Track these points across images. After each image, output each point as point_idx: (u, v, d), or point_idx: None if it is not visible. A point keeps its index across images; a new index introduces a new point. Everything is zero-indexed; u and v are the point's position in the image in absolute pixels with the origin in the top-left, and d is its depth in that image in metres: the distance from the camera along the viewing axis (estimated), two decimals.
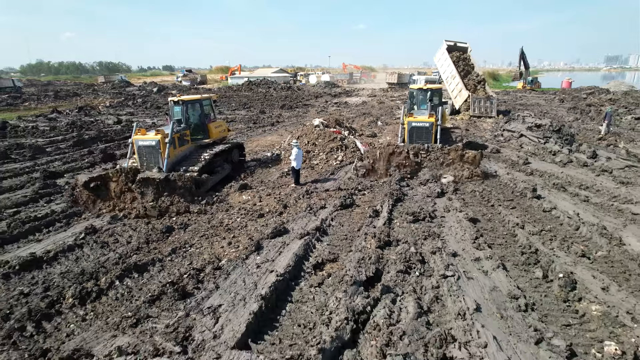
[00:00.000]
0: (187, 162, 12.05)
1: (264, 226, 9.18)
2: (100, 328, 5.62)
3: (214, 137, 13.62)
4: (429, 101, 15.93)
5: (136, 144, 11.57)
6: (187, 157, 12.33)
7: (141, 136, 11.57)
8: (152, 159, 11.45)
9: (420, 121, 13.92)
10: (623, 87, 45.85)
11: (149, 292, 6.51)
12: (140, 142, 11.51)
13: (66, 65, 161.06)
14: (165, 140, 11.32)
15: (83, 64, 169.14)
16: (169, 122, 12.19)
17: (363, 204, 10.57)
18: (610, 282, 6.49)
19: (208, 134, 13.48)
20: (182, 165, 11.76)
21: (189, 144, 12.72)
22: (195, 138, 13.17)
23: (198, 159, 12.08)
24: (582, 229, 8.57)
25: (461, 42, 29.19)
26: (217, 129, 13.97)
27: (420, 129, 13.85)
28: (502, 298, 6.14)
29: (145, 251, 8.11)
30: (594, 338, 5.33)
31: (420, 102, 16.81)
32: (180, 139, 12.18)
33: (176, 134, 11.92)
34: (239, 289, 6.48)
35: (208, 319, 5.65)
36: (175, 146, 11.87)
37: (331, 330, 5.27)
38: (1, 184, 13.16)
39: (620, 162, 13.75)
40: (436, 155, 12.70)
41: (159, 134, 11.42)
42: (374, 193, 11.48)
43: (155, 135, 11.39)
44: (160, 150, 11.27)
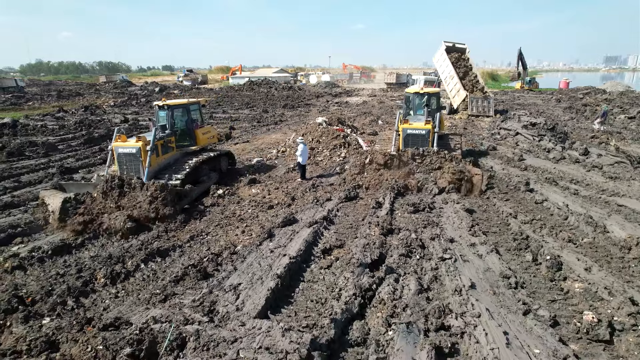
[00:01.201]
0: (171, 170, 11.36)
1: (274, 216, 9.83)
2: (133, 303, 6.27)
3: (202, 144, 12.88)
4: (426, 106, 14.81)
5: (116, 151, 10.91)
6: (171, 166, 11.66)
7: (121, 143, 10.91)
8: (132, 167, 10.79)
9: (415, 128, 13.15)
10: (619, 87, 46.50)
11: (172, 273, 7.15)
12: (120, 149, 10.83)
13: (66, 65, 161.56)
14: (147, 147, 10.69)
15: (83, 64, 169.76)
16: (152, 128, 11.56)
17: (366, 197, 11.21)
18: (593, 264, 7.14)
19: (195, 141, 12.70)
20: (164, 174, 11.12)
21: (173, 152, 11.98)
22: (181, 145, 12.44)
23: (182, 168, 11.45)
24: (570, 219, 9.22)
25: (459, 43, 29.85)
26: (205, 135, 13.15)
27: (416, 137, 13.06)
28: (495, 277, 6.79)
29: (165, 239, 8.76)
30: (575, 310, 5.98)
31: (416, 107, 15.44)
32: (164, 146, 11.49)
33: (159, 140, 11.24)
34: (256, 270, 7.11)
35: (230, 295, 6.29)
36: (158, 154, 11.21)
37: (341, 304, 5.90)
38: (21, 178, 13.83)
39: (610, 159, 14.41)
40: (431, 160, 12.10)
41: (140, 140, 10.72)
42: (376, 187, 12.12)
43: (135, 142, 10.71)
44: (141, 158, 10.61)
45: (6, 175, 14.10)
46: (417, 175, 11.87)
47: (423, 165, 12.11)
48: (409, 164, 12.13)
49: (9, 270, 7.23)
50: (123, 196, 9.74)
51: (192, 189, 11.06)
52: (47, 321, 5.55)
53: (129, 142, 10.87)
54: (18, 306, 5.91)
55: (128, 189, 9.80)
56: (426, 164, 12.10)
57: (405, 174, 11.93)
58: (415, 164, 12.13)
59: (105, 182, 9.83)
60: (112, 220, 8.96)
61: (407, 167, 12.06)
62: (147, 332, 5.08)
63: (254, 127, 24.41)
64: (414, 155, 12.19)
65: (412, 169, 12.04)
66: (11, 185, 13.05)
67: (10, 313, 5.74)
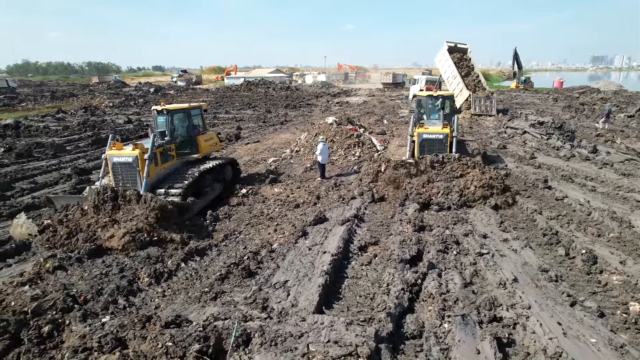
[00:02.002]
0: (171, 181, 10.37)
1: (303, 215, 9.93)
2: (184, 301, 6.32)
3: (204, 152, 11.93)
4: (442, 109, 13.94)
5: (110, 160, 9.86)
6: (171, 175, 10.67)
7: (116, 151, 9.86)
8: (128, 178, 9.79)
9: (432, 132, 12.41)
10: (612, 86, 47.46)
11: (215, 272, 7.21)
12: (115, 158, 9.79)
13: (54, 65, 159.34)
14: (145, 156, 9.68)
15: (72, 64, 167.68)
16: (151, 135, 10.52)
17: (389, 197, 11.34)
18: (627, 257, 7.37)
19: (197, 149, 11.78)
20: (164, 185, 10.11)
21: (174, 160, 11.00)
22: (182, 153, 11.49)
23: (183, 179, 10.43)
24: (594, 214, 9.47)
25: (461, 44, 30.20)
26: (208, 142, 12.19)
27: (432, 142, 12.30)
28: (534, 271, 6.98)
29: (199, 238, 8.80)
30: (617, 302, 6.17)
31: (430, 111, 14.62)
32: (163, 155, 10.54)
33: (158, 148, 10.29)
34: (299, 267, 7.20)
35: (280, 292, 6.38)
36: (157, 163, 10.25)
37: (392, 298, 6.03)
38: (36, 179, 13.73)
39: (620, 156, 14.76)
40: (452, 167, 11.09)
41: (137, 148, 9.70)
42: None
43: (132, 151, 9.70)
44: (139, 168, 9.61)
45: (20, 176, 13.99)
46: (437, 183, 10.86)
47: (443, 173, 11.08)
48: (427, 172, 11.18)
49: (51, 270, 7.22)
50: (117, 209, 8.81)
51: (195, 202, 10.05)
52: (108, 319, 5.58)
53: (125, 151, 9.85)
54: (73, 305, 5.93)
55: (122, 202, 8.88)
56: (446, 172, 11.07)
57: (424, 182, 10.92)
58: (434, 172, 11.14)
59: (97, 194, 8.86)
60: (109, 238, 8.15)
61: (426, 176, 11.09)
62: (210, 329, 5.15)
63: (260, 127, 24.45)
64: (433, 163, 11.22)
65: (431, 177, 11.03)
66: (28, 186, 12.97)
67: (67, 312, 5.76)
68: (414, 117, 14.02)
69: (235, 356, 4.81)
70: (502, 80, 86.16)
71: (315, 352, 4.67)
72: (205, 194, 10.92)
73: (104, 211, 8.75)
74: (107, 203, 8.84)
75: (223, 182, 12.20)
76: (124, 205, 8.87)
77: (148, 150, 9.79)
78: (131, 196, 8.90)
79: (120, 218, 8.65)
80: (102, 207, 8.80)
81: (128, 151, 9.78)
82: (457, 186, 10.63)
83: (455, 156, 11.38)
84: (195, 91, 59.93)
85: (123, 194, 8.94)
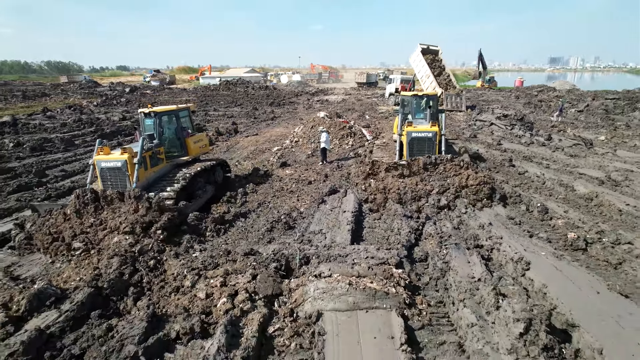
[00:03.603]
0: (161, 185, 10.32)
1: (316, 189, 11.97)
2: (248, 244, 8.23)
3: (194, 154, 11.74)
4: (429, 108, 14.14)
5: (98, 165, 9.76)
6: (161, 179, 10.57)
7: (104, 156, 9.79)
8: (118, 183, 9.67)
9: (422, 131, 12.60)
10: (567, 86, 52.18)
11: (261, 227, 9.15)
12: (103, 163, 9.72)
13: (10, 64, 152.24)
14: (134, 160, 9.57)
15: (29, 63, 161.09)
16: (139, 138, 10.48)
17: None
18: (569, 209, 9.92)
19: (186, 151, 11.58)
20: (154, 190, 9.97)
21: (163, 163, 10.87)
22: (171, 155, 11.33)
23: (174, 182, 10.33)
24: (547, 183, 12.04)
25: (433, 46, 33.07)
26: (197, 144, 12.01)
27: (422, 140, 12.53)
28: (504, 219, 9.37)
29: (238, 206, 10.68)
30: (560, 234, 8.59)
31: (415, 110, 14.74)
32: (152, 158, 10.40)
33: (147, 152, 10.16)
34: (326, 222, 9.26)
35: (319, 236, 8.43)
36: (147, 167, 10.14)
37: (403, 236, 8.19)
38: (63, 167, 15.06)
39: (569, 142, 17.68)
40: (445, 167, 11.33)
41: (125, 152, 9.65)
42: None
43: (121, 155, 9.62)
44: (128, 172, 9.50)
45: (44, 167, 15.22)
46: (432, 183, 11.02)
47: (436, 173, 11.37)
48: (419, 173, 11.38)
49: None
50: (101, 210, 8.69)
51: (187, 206, 9.85)
52: (198, 254, 7.45)
53: (114, 155, 9.80)
54: (164, 248, 7.73)
55: (104, 203, 8.77)
56: (439, 172, 11.35)
57: (417, 182, 11.02)
58: (427, 174, 11.36)
59: (76, 197, 8.65)
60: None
61: (419, 177, 11.29)
62: (279, 255, 7.15)
63: (253, 123, 26.26)
64: (426, 165, 11.41)
65: (424, 177, 11.27)
66: (59, 174, 14.32)
67: (161, 252, 7.56)
68: (399, 117, 14.45)
69: (302, 270, 6.83)
70: (468, 79, 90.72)
71: (359, 262, 6.75)
72: (197, 197, 10.82)
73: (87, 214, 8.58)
74: (88, 206, 8.66)
75: (215, 184, 12.10)
76: (105, 206, 8.76)
77: (137, 154, 9.64)
78: (112, 196, 8.79)
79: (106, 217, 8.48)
80: (84, 210, 8.62)
81: (117, 155, 9.71)
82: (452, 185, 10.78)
83: (447, 157, 11.64)
84: (173, 91, 60.20)
85: (104, 195, 8.81)
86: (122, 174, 9.60)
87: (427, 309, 6.01)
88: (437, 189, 10.66)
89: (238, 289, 6.11)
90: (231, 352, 4.94)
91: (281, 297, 6.22)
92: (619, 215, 9.38)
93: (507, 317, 5.16)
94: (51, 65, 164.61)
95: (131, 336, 5.20)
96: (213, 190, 11.80)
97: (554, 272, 6.79)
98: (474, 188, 10.53)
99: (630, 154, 15.48)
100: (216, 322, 5.55)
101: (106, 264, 6.85)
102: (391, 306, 5.76)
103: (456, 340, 5.42)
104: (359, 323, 5.48)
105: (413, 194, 10.42)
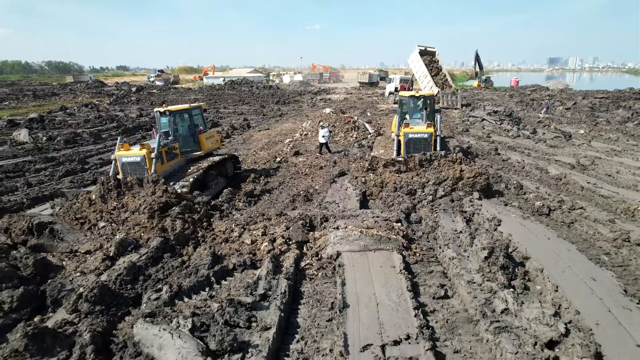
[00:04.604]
0: (177, 177, 11.28)
1: (327, 172, 13.88)
2: (275, 210, 10.14)
3: (206, 149, 12.83)
4: (425, 109, 14.82)
5: (119, 160, 10.84)
6: (176, 172, 11.57)
7: (125, 152, 10.92)
8: (137, 175, 10.56)
9: (417, 132, 13.19)
10: (560, 85, 54.25)
11: (284, 199, 11.06)
12: (124, 158, 10.81)
13: (11, 64, 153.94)
14: (152, 155, 10.66)
15: (30, 64, 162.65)
16: (156, 135, 11.54)
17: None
18: (540, 185, 11.86)
19: (199, 146, 12.72)
20: (170, 182, 10.81)
21: (178, 158, 11.95)
22: (185, 151, 12.39)
23: (189, 174, 11.39)
24: (526, 167, 13.98)
25: (430, 47, 35.06)
26: (209, 140, 13.11)
27: (417, 141, 13.11)
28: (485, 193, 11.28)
29: (262, 184, 12.61)
30: (530, 204, 10.47)
31: (412, 110, 15.52)
32: (168, 153, 11.50)
33: (163, 147, 11.25)
34: (338, 195, 11.18)
35: (334, 205, 10.35)
36: (163, 161, 11.20)
37: (403, 205, 10.09)
38: (101, 157, 16.99)
39: (551, 135, 19.62)
40: (439, 163, 12.01)
41: (144, 148, 10.72)
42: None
43: (140, 151, 10.73)
44: (147, 166, 10.56)
45: (82, 157, 17.11)
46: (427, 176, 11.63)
47: (431, 168, 12.00)
48: (415, 169, 12.05)
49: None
50: (122, 195, 9.73)
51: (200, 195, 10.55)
52: (239, 216, 9.38)
53: (133, 151, 10.90)
54: (211, 213, 9.64)
55: (125, 188, 9.81)
56: (434, 167, 12.01)
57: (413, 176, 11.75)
58: (422, 170, 12.00)
59: (101, 184, 9.77)
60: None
61: (414, 172, 11.96)
62: (303, 216, 9.07)
63: (263, 119, 28.23)
64: (421, 161, 12.06)
65: (419, 173, 11.90)
66: (98, 162, 16.24)
67: (209, 217, 9.45)
68: (397, 117, 15.27)
69: (323, 225, 8.75)
70: (466, 79, 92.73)
71: (367, 219, 8.67)
72: (210, 188, 11.85)
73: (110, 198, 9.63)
74: (112, 191, 9.71)
75: (225, 177, 13.08)
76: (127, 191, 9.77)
77: (154, 149, 10.79)
78: (132, 182, 9.88)
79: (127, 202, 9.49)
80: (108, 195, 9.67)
81: (136, 151, 10.80)
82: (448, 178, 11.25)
83: (441, 153, 12.26)
84: (179, 90, 62.01)
85: (125, 181, 9.89)
86: (141, 168, 10.70)
87: (420, 252, 7.91)
88: (432, 181, 11.26)
89: (276, 236, 8.05)
90: (276, 275, 6.85)
91: (308, 244, 8.15)
92: (580, 190, 11.34)
93: (477, 249, 7.09)
94: (52, 66, 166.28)
95: (203, 264, 7.13)
96: (225, 183, 12.74)
97: (519, 227, 8.74)
98: (470, 180, 11.16)
99: (603, 145, 17.45)
100: (261, 259, 7.46)
101: (171, 225, 8.75)
102: (392, 248, 7.68)
103: (441, 270, 7.33)
104: (369, 259, 7.40)
105: (409, 187, 11.11)
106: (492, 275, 6.48)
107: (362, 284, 6.59)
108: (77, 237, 8.86)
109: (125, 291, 6.64)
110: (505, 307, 5.71)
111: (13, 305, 6.25)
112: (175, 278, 6.91)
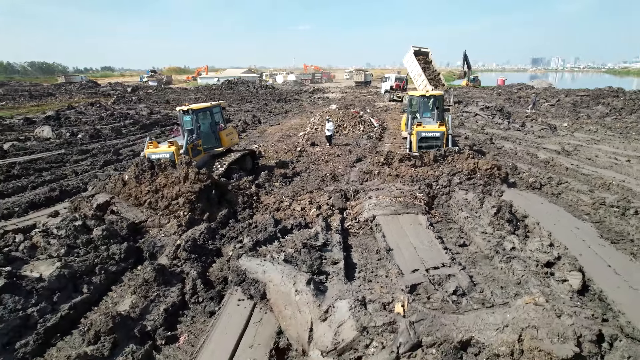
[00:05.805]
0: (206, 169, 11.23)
1: (345, 159, 15.62)
2: (310, 187, 11.82)
3: (227, 145, 13.43)
4: (436, 108, 15.44)
5: (149, 157, 10.91)
6: (202, 167, 11.53)
7: (154, 149, 11.34)
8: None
9: (430, 131, 13.63)
10: (544, 84, 57.15)
11: (314, 180, 12.76)
12: (153, 155, 11.03)
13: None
14: (180, 151, 11.17)
15: (12, 64, 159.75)
16: (180, 133, 12.27)
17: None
18: (531, 167, 13.84)
19: (220, 143, 13.27)
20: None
21: (202, 154, 12.57)
22: (207, 147, 12.95)
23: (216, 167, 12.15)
24: (518, 153, 15.98)
25: (424, 48, 37.13)
26: (229, 136, 13.70)
27: (430, 139, 13.53)
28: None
29: (290, 169, 14.30)
30: (524, 180, 12.41)
31: (422, 110, 16.08)
32: (193, 150, 12.04)
33: (190, 144, 11.82)
34: (360, 175, 12.93)
35: (358, 182, 12.09)
36: (190, 157, 11.49)
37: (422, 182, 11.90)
38: (132, 148, 18.42)
39: (538, 127, 21.76)
40: (453, 158, 12.38)
41: (172, 145, 11.20)
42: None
43: (169, 148, 11.18)
44: (176, 162, 10.77)
45: (112, 149, 18.49)
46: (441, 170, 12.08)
47: (446, 163, 12.38)
48: (430, 164, 12.37)
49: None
50: (155, 176, 9.97)
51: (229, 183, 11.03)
52: (283, 190, 11.06)
53: (162, 148, 11.36)
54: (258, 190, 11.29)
55: (159, 170, 10.07)
56: (448, 162, 12.37)
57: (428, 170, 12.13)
58: (437, 165, 12.37)
59: (136, 165, 10.11)
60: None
61: (429, 167, 12.29)
62: (338, 189, 10.81)
63: (270, 116, 29.84)
64: (436, 157, 12.43)
65: (434, 167, 12.26)
66: (130, 153, 17.69)
67: (257, 193, 11.10)
68: (407, 116, 15.92)
69: (357, 196, 10.50)
70: (453, 79, 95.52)
71: (395, 190, 10.43)
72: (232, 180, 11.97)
73: (144, 179, 9.90)
74: (145, 172, 9.99)
75: (245, 170, 13.53)
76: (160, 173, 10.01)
77: (182, 146, 11.43)
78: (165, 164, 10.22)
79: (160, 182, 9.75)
80: (142, 176, 9.95)
81: (165, 148, 11.27)
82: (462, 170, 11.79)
83: (454, 149, 12.65)
84: (174, 90, 62.53)
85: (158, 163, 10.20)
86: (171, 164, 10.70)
87: (439, 215, 9.72)
88: (447, 173, 11.75)
89: (321, 204, 9.78)
90: (328, 231, 8.56)
91: (346, 210, 9.88)
92: (565, 170, 13.36)
93: (486, 208, 8.94)
94: (35, 66, 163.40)
95: (268, 224, 8.80)
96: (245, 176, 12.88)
97: (517, 196, 10.66)
98: (488, 172, 11.66)
99: (584, 135, 19.65)
100: (312, 222, 9.16)
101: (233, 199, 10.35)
102: (417, 211, 9.47)
103: (457, 227, 9.15)
104: (399, 220, 9.15)
105: (426, 181, 11.35)
106: (500, 226, 8.33)
107: (397, 236, 8.35)
108: (136, 214, 10.18)
109: (209, 245, 8.29)
110: (513, 246, 7.55)
111: (122, 256, 7.85)
112: (248, 234, 8.57)
